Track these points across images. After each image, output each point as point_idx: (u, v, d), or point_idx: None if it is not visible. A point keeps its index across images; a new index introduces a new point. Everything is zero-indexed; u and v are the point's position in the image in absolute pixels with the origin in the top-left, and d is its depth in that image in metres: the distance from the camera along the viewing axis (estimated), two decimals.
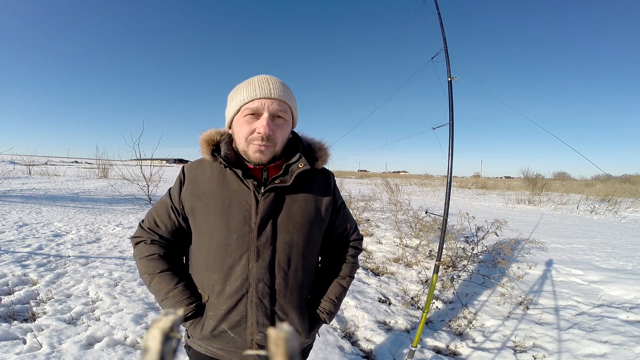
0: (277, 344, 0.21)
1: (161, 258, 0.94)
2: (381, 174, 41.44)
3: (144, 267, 0.94)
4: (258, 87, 0.85)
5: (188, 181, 0.95)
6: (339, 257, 1.07)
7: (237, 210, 0.88)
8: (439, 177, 39.96)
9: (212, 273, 0.89)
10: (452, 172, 2.08)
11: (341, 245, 1.08)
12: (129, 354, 1.96)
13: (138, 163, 9.44)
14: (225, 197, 0.89)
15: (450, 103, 2.07)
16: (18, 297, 2.56)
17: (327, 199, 0.98)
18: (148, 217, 1.00)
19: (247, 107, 0.85)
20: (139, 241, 0.98)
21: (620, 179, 22.46)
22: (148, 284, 0.93)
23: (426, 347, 2.32)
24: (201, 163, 0.97)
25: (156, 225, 0.97)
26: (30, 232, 4.54)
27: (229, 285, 0.88)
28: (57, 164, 33.77)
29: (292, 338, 0.21)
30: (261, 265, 0.87)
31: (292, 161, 0.91)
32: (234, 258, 0.87)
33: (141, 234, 0.99)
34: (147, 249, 0.95)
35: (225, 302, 0.88)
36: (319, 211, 0.95)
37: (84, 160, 53.50)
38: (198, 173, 0.95)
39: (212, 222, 0.88)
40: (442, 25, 2.14)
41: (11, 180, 12.49)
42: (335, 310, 1.01)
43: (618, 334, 2.35)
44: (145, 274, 0.93)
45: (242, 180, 0.89)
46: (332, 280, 1.03)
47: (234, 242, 0.87)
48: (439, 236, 2.39)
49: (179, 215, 0.95)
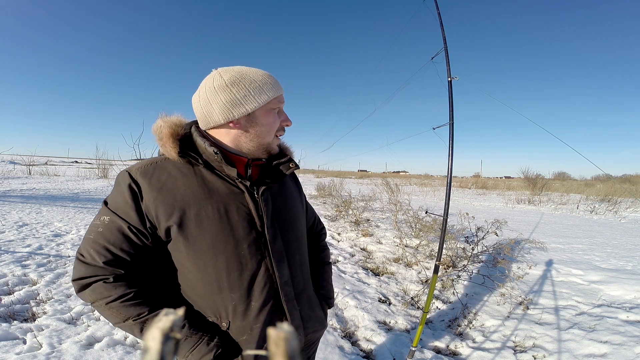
0: (277, 344, 0.21)
1: (141, 296, 0.74)
2: (381, 174, 41.49)
3: (120, 313, 0.72)
4: (276, 85, 0.82)
5: (153, 190, 0.74)
6: (317, 245, 1.12)
7: (237, 215, 0.78)
8: (439, 177, 39.98)
9: (229, 293, 0.77)
10: (452, 172, 2.08)
11: (315, 235, 1.14)
12: (129, 354, 1.96)
13: None
14: (216, 202, 0.76)
15: (451, 103, 2.07)
16: (18, 297, 2.56)
17: (300, 193, 1.01)
18: (95, 248, 0.73)
19: (277, 101, 0.82)
20: (94, 281, 0.73)
21: (620, 179, 22.46)
22: (139, 332, 0.73)
23: (426, 347, 2.32)
24: (160, 166, 0.78)
25: (112, 256, 0.73)
26: (30, 232, 4.54)
27: (255, 300, 0.79)
28: (57, 164, 33.78)
29: (292, 338, 0.21)
30: (280, 267, 0.82)
31: (282, 160, 0.89)
32: (251, 269, 0.79)
33: (94, 272, 0.73)
34: (114, 290, 0.72)
35: (258, 319, 0.79)
36: (301, 205, 0.99)
37: (84, 160, 53.50)
38: (162, 178, 0.76)
39: (213, 236, 0.75)
40: (442, 25, 2.14)
41: (11, 180, 12.49)
42: (333, 293, 1.09)
43: (618, 334, 2.35)
44: (129, 319, 0.72)
45: (228, 180, 0.79)
46: (320, 267, 1.09)
47: (246, 252, 0.78)
48: (439, 236, 2.39)
49: (145, 237, 0.75)
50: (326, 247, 1.16)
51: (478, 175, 33.14)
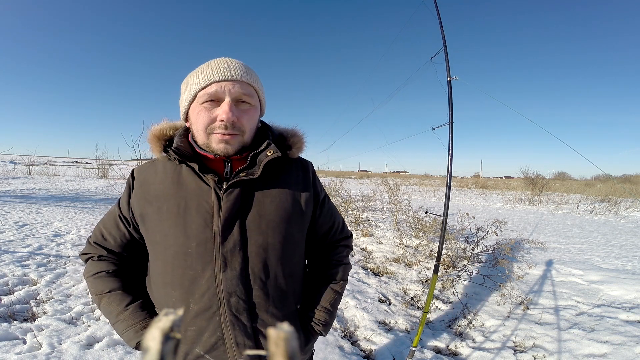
0: (277, 344, 0.21)
1: (110, 275, 0.82)
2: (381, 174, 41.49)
3: (92, 286, 0.82)
4: (216, 70, 0.72)
5: (137, 185, 0.82)
6: (329, 259, 0.93)
7: (196, 212, 0.74)
8: (439, 177, 39.99)
9: (170, 289, 0.75)
10: (452, 172, 2.08)
11: (329, 245, 0.95)
12: (129, 354, 1.96)
13: (138, 163, 9.45)
14: (180, 198, 0.75)
15: (450, 103, 2.07)
16: (18, 297, 2.56)
17: (306, 192, 0.84)
18: (95, 230, 0.87)
19: (204, 93, 0.72)
20: (87, 258, 0.87)
21: (620, 179, 22.46)
22: (98, 305, 0.81)
23: (426, 347, 2.32)
24: (153, 163, 0.84)
25: (103, 238, 0.85)
26: (30, 232, 4.54)
27: (194, 303, 0.74)
28: (57, 164, 33.78)
29: (292, 338, 0.21)
30: (230, 275, 0.73)
31: (259, 150, 0.78)
32: (195, 270, 0.73)
33: (89, 250, 0.87)
34: (94, 266, 0.83)
35: (193, 323, 0.75)
36: (298, 206, 0.82)
37: (84, 160, 53.50)
38: (149, 175, 0.82)
39: (165, 229, 0.75)
40: (441, 25, 2.14)
41: (11, 180, 12.48)
42: (331, 320, 0.89)
43: (618, 334, 2.35)
44: (94, 294, 0.81)
45: (199, 176, 0.76)
46: (323, 286, 0.90)
47: (194, 251, 0.73)
48: (439, 236, 2.39)
49: (129, 225, 0.83)
50: (341, 263, 0.94)
51: (478, 175, 33.14)
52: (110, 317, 0.79)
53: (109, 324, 2.23)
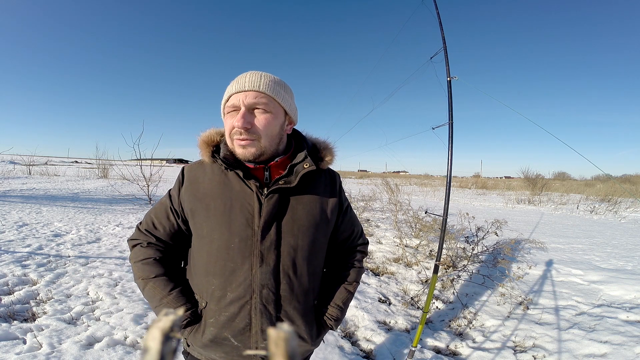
0: (277, 344, 0.21)
1: (157, 262, 0.90)
2: (381, 174, 41.43)
3: (138, 271, 0.90)
4: (235, 83, 0.84)
5: (188, 182, 0.91)
6: (345, 261, 1.04)
7: (240, 212, 0.84)
8: (439, 177, 39.98)
9: (212, 278, 0.85)
10: (451, 172, 2.08)
11: (347, 249, 1.05)
12: (129, 354, 1.96)
13: (138, 163, 9.44)
14: (227, 198, 0.86)
15: (450, 103, 2.07)
16: (18, 297, 2.56)
17: (332, 201, 0.94)
18: (146, 218, 0.96)
19: (227, 105, 0.85)
20: (135, 244, 0.95)
21: (620, 179, 22.46)
22: (142, 289, 0.89)
23: (426, 347, 2.32)
24: (202, 164, 0.93)
25: (154, 227, 0.94)
26: (30, 232, 4.54)
27: (231, 291, 0.84)
28: (57, 164, 33.76)
29: (292, 338, 0.21)
30: (265, 270, 0.83)
31: (296, 161, 0.87)
32: (235, 262, 0.84)
33: (138, 236, 0.95)
34: (142, 252, 0.91)
35: (227, 309, 0.84)
36: (325, 214, 0.92)
37: (84, 160, 53.50)
38: (198, 174, 0.91)
39: (212, 225, 0.85)
40: (441, 25, 2.14)
41: (11, 180, 12.48)
42: (342, 316, 0.98)
43: (618, 334, 2.35)
44: (140, 278, 0.89)
45: (244, 181, 0.86)
46: (338, 285, 1.00)
47: (236, 246, 0.83)
48: (439, 236, 2.39)
49: (178, 217, 0.92)
50: (355, 266, 1.04)
51: (478, 175, 33.12)
52: (153, 301, 0.87)
53: (109, 325, 2.24)
